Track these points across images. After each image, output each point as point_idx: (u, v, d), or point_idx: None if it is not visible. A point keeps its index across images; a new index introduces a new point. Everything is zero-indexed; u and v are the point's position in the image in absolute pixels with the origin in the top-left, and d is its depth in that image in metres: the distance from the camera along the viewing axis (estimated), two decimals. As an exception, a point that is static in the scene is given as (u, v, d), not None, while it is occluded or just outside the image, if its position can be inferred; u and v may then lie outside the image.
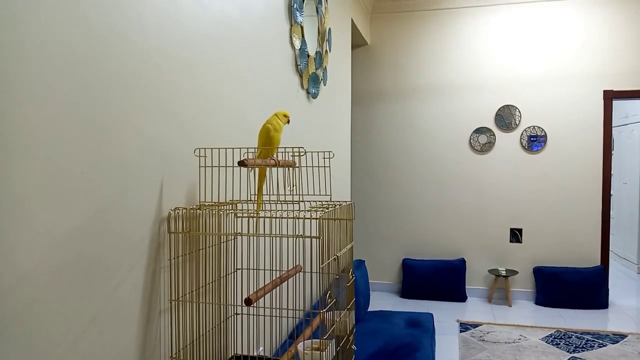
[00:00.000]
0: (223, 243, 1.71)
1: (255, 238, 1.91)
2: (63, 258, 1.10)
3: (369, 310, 3.41)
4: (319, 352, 1.44)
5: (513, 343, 3.67)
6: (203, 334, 1.59)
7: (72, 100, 1.12)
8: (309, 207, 1.51)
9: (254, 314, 1.67)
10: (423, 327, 2.96)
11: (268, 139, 1.57)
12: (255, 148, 1.61)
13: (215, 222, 1.65)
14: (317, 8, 3.00)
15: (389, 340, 2.66)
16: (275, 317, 2.13)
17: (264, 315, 1.61)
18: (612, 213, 6.59)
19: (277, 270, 1.66)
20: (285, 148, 1.69)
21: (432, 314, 3.24)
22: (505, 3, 4.87)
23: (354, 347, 1.71)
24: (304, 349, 1.48)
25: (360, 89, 5.26)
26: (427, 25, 5.06)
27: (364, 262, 3.76)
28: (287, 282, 1.64)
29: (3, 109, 0.96)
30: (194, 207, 1.56)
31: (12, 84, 0.97)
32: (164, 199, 1.48)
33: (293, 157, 1.64)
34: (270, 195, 1.92)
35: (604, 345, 3.61)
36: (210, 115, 1.77)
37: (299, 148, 1.57)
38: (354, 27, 4.46)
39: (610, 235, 6.18)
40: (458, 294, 4.84)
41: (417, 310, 4.47)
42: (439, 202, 5.10)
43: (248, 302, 1.33)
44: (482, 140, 4.96)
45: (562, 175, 4.80)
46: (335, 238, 1.51)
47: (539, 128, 4.82)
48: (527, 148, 4.86)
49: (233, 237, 1.76)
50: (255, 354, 1.76)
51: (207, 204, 1.59)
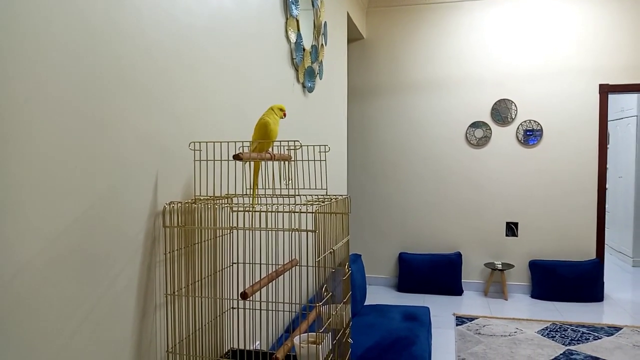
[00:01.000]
0: (218, 237, 1.70)
1: (251, 232, 1.90)
2: (58, 253, 1.10)
3: (366, 304, 3.41)
4: (315, 345, 1.44)
5: (509, 336, 3.69)
6: (199, 328, 1.59)
7: (66, 94, 1.11)
8: (305, 200, 1.50)
9: (250, 308, 1.67)
10: (419, 320, 2.97)
11: (266, 133, 1.56)
12: (251, 141, 1.61)
13: (211, 216, 1.65)
14: (312, 1, 2.98)
15: (386, 334, 2.67)
16: (271, 311, 2.13)
17: (260, 309, 1.61)
18: (607, 207, 6.62)
19: (273, 264, 1.65)
20: (281, 142, 1.68)
21: (428, 308, 3.25)
22: (502, -3, 4.86)
23: (350, 340, 1.71)
24: (300, 343, 1.48)
25: (357, 83, 5.25)
26: (423, 20, 5.05)
27: (361, 256, 3.77)
28: (283, 276, 1.64)
29: (-6, 102, 0.95)
30: (189, 201, 1.55)
31: (6, 79, 0.96)
32: (159, 193, 1.48)
33: (289, 150, 1.63)
34: (266, 189, 1.91)
35: (599, 338, 3.63)
36: (206, 109, 1.76)
37: (295, 142, 1.56)
38: (350, 21, 4.44)
39: (606, 229, 6.22)
40: (454, 288, 4.85)
41: (413, 304, 4.49)
42: (435, 196, 5.11)
43: (244, 296, 1.33)
44: (478, 135, 4.97)
45: (557, 169, 4.81)
46: (331, 232, 1.51)
47: (535, 122, 4.83)
48: (523, 142, 4.87)
49: (228, 231, 1.75)
50: (252, 348, 1.76)
51: (202, 198, 1.58)
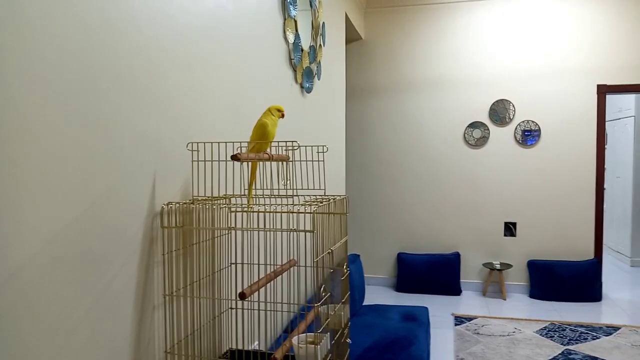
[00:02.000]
0: (217, 237, 1.70)
1: (249, 232, 1.91)
2: (56, 253, 1.10)
3: (364, 304, 3.41)
4: (314, 346, 1.44)
5: (507, 336, 3.69)
6: (197, 329, 1.59)
7: (64, 94, 1.11)
8: (303, 201, 1.50)
9: (248, 309, 1.67)
10: (418, 320, 2.98)
11: (264, 134, 1.56)
12: (248, 142, 1.61)
13: (209, 216, 1.65)
14: (310, 2, 2.99)
15: (384, 334, 2.67)
16: (270, 311, 2.13)
17: (259, 310, 1.61)
18: (605, 207, 6.62)
19: (271, 265, 1.65)
20: (279, 142, 1.69)
21: (427, 308, 3.25)
22: (500, -3, 4.87)
23: (349, 340, 1.71)
24: (299, 343, 1.48)
25: (355, 84, 5.25)
26: (421, 20, 5.06)
27: (359, 256, 3.77)
28: (281, 276, 1.64)
29: (-8, 103, 0.95)
30: (187, 201, 1.55)
31: (3, 78, 0.96)
32: (157, 194, 1.48)
33: (286, 151, 1.63)
34: (264, 190, 1.92)
35: (598, 338, 3.64)
36: (204, 110, 1.76)
37: (293, 142, 1.56)
38: (348, 21, 4.44)
39: (604, 229, 6.23)
40: (453, 288, 4.86)
41: (412, 304, 4.49)
42: (434, 196, 5.11)
43: (242, 296, 1.33)
44: (476, 135, 4.97)
45: (555, 169, 4.82)
46: (330, 232, 1.51)
47: (533, 122, 4.83)
48: (521, 142, 4.87)
49: (227, 231, 1.75)
50: (250, 349, 1.76)
51: (200, 199, 1.58)
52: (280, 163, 1.89)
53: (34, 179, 1.04)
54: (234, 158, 1.40)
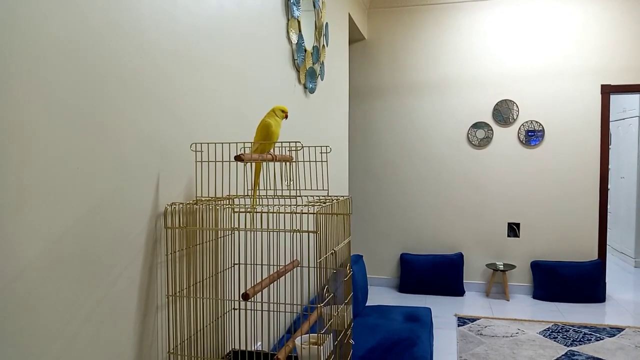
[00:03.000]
0: (220, 238, 1.71)
1: (253, 233, 1.91)
2: (59, 254, 1.10)
3: (367, 305, 3.41)
4: (317, 346, 1.44)
5: (511, 337, 3.69)
6: (200, 329, 1.59)
7: (67, 95, 1.11)
8: (306, 201, 1.50)
9: (252, 309, 1.67)
10: (421, 321, 2.97)
11: (267, 135, 1.56)
12: (252, 143, 1.61)
13: (212, 217, 1.65)
14: (314, 2, 2.99)
15: (387, 335, 2.67)
16: (273, 312, 2.13)
17: (262, 310, 1.61)
18: (609, 207, 6.60)
19: (274, 265, 1.65)
20: (282, 143, 1.69)
21: (430, 309, 3.25)
22: (503, -3, 4.86)
23: (352, 341, 1.71)
24: (302, 344, 1.48)
25: (358, 84, 5.25)
26: (424, 20, 5.05)
27: (362, 257, 3.76)
28: (284, 277, 1.64)
29: (-4, 104, 0.95)
30: (191, 202, 1.55)
31: (7, 80, 0.96)
32: (161, 194, 1.48)
33: (290, 151, 1.63)
34: (267, 190, 1.91)
35: (602, 339, 3.63)
36: (207, 110, 1.76)
37: (296, 142, 1.56)
38: (352, 22, 4.44)
39: (608, 230, 6.20)
40: (456, 289, 4.85)
41: (415, 305, 4.48)
42: (437, 197, 5.10)
43: (245, 297, 1.33)
44: (479, 135, 4.96)
45: (559, 170, 4.81)
46: (333, 233, 1.51)
47: (537, 123, 4.82)
48: (524, 143, 4.86)
49: (230, 232, 1.75)
50: (253, 349, 1.76)
51: (204, 199, 1.59)
52: (284, 164, 1.89)
53: (38, 180, 1.04)
54: (238, 159, 1.40)
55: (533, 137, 4.83)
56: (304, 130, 2.94)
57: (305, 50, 2.84)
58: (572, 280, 4.58)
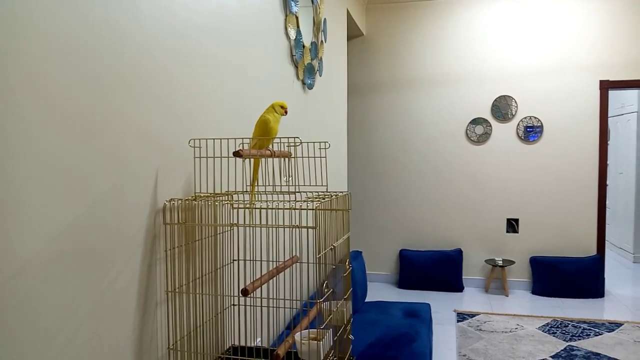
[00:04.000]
0: (219, 234, 1.70)
1: (252, 229, 1.91)
2: (59, 251, 1.10)
3: (367, 301, 3.42)
4: (316, 342, 1.44)
5: (510, 332, 3.69)
6: (200, 325, 1.59)
7: (66, 92, 1.11)
8: (305, 197, 1.50)
9: (251, 305, 1.67)
10: (420, 317, 2.98)
11: (266, 131, 1.56)
12: (251, 138, 1.60)
13: (211, 213, 1.65)
14: (312, -2, 2.98)
15: (387, 331, 2.67)
16: (272, 307, 2.13)
17: (261, 306, 1.61)
18: (608, 203, 6.62)
19: (273, 261, 1.65)
20: (281, 138, 1.68)
21: (429, 304, 3.25)
22: (502, -7, 4.85)
23: (351, 337, 1.71)
24: (301, 339, 1.48)
25: (357, 80, 5.25)
26: (423, 16, 5.04)
27: (361, 253, 3.77)
28: (283, 272, 1.64)
29: (-6, 99, 0.95)
30: (190, 198, 1.55)
31: (6, 77, 0.96)
32: (160, 191, 1.48)
33: (288, 147, 1.63)
34: (266, 186, 1.91)
35: (600, 334, 3.64)
36: (205, 106, 1.76)
37: (295, 138, 1.56)
38: (350, 17, 4.43)
39: (606, 225, 6.22)
40: (455, 285, 4.86)
41: (414, 301, 4.49)
42: (436, 192, 5.11)
43: (245, 293, 1.33)
44: (478, 131, 4.96)
45: (558, 166, 4.81)
46: (332, 228, 1.51)
47: (535, 118, 4.82)
48: (523, 138, 4.86)
49: (229, 228, 1.75)
50: (253, 345, 1.77)
51: (202, 195, 1.58)
52: (283, 159, 1.89)
53: (37, 177, 1.04)
54: (236, 154, 1.39)
55: (532, 132, 4.83)
56: (303, 126, 2.93)
57: (304, 46, 2.83)
58: (571, 276, 4.59)
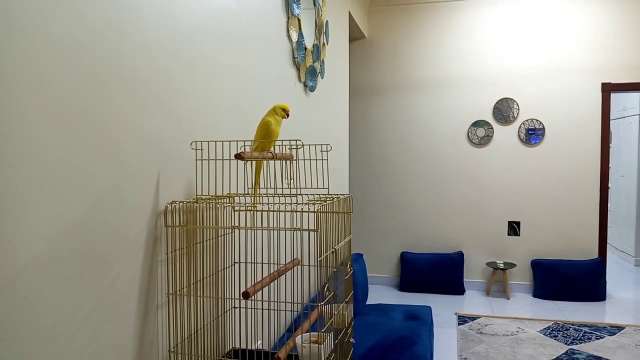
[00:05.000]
0: (220, 236, 1.70)
1: (253, 231, 1.90)
2: (60, 253, 1.10)
3: (368, 304, 3.41)
4: (317, 345, 1.43)
5: (511, 335, 3.68)
6: (201, 328, 1.59)
7: (67, 94, 1.11)
8: (307, 200, 1.50)
9: (252, 308, 1.67)
10: (421, 320, 2.97)
11: (267, 133, 1.56)
12: (252, 141, 1.60)
13: (213, 215, 1.65)
14: (314, 0, 2.98)
15: (387, 334, 2.67)
16: (273, 310, 2.13)
17: (262, 309, 1.61)
18: (609, 206, 6.60)
19: (274, 264, 1.65)
20: (282, 141, 1.68)
21: (430, 307, 3.25)
22: (504, -5, 4.85)
23: (352, 340, 1.71)
24: (302, 342, 1.48)
25: (358, 83, 5.25)
26: (425, 19, 5.04)
27: (362, 255, 3.76)
28: (285, 275, 1.63)
29: (-4, 102, 0.95)
30: (191, 200, 1.55)
31: (6, 79, 0.96)
32: (161, 193, 1.48)
33: (290, 150, 1.63)
34: (268, 189, 1.91)
35: (602, 337, 3.62)
36: (208, 109, 1.76)
37: (296, 141, 1.56)
38: (352, 20, 4.43)
39: (608, 228, 6.21)
40: (456, 287, 4.85)
41: (415, 304, 4.48)
42: (437, 195, 5.10)
43: (246, 295, 1.32)
44: (480, 134, 4.96)
45: (560, 168, 4.80)
46: (333, 231, 1.50)
47: (537, 121, 4.82)
48: (525, 141, 4.86)
49: (230, 230, 1.75)
50: (253, 348, 1.76)
51: (204, 197, 1.58)
52: (284, 162, 1.89)
53: (38, 179, 1.04)
54: (238, 157, 1.39)
55: (533, 135, 4.83)
56: (304, 129, 2.93)
57: (306, 49, 2.83)
58: (572, 279, 4.58)
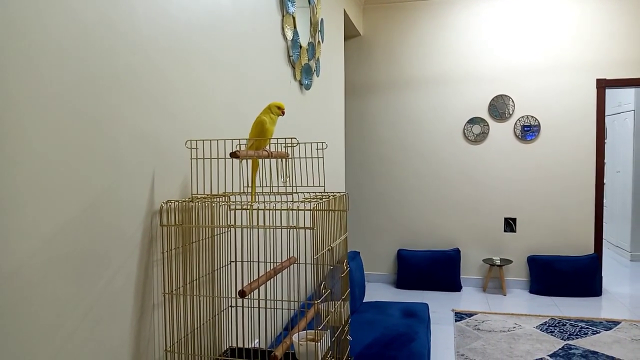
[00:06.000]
0: (216, 235, 1.70)
1: (249, 230, 1.90)
2: (55, 252, 1.09)
3: (365, 301, 3.42)
4: (314, 343, 1.43)
5: (508, 331, 3.70)
6: (197, 327, 1.59)
7: (62, 93, 1.10)
8: (303, 198, 1.50)
9: (248, 306, 1.67)
10: (418, 317, 2.98)
11: (262, 132, 1.55)
12: (247, 139, 1.60)
13: (208, 214, 1.64)
14: (309, -2, 2.97)
15: (385, 331, 2.67)
16: (270, 309, 2.13)
17: (259, 308, 1.61)
18: (605, 202, 6.63)
19: (271, 262, 1.65)
20: (278, 139, 1.68)
21: (427, 304, 3.25)
22: (498, -8, 4.86)
23: (349, 337, 1.71)
24: (299, 340, 1.48)
25: (354, 81, 5.24)
26: (420, 16, 5.04)
27: (359, 253, 3.76)
28: (281, 273, 1.63)
29: (-12, 101, 0.94)
30: (187, 199, 1.54)
31: (0, 78, 0.95)
32: (156, 192, 1.47)
33: (286, 148, 1.62)
34: (264, 187, 1.91)
35: (598, 332, 3.64)
36: (202, 107, 1.75)
37: (292, 139, 1.56)
38: (347, 18, 4.43)
39: (604, 224, 6.22)
40: (453, 284, 4.86)
41: (412, 301, 4.49)
42: (434, 192, 5.11)
43: (242, 294, 1.32)
44: (475, 131, 4.96)
45: (555, 165, 4.82)
46: (329, 229, 1.50)
47: (533, 117, 4.83)
48: (520, 138, 4.87)
49: (226, 229, 1.75)
50: (250, 347, 1.76)
51: (199, 196, 1.58)
52: (280, 160, 1.89)
53: (33, 178, 1.03)
54: (233, 155, 1.39)
55: (529, 132, 4.84)
56: (300, 127, 2.93)
57: (301, 47, 2.83)
58: (568, 275, 4.60)
